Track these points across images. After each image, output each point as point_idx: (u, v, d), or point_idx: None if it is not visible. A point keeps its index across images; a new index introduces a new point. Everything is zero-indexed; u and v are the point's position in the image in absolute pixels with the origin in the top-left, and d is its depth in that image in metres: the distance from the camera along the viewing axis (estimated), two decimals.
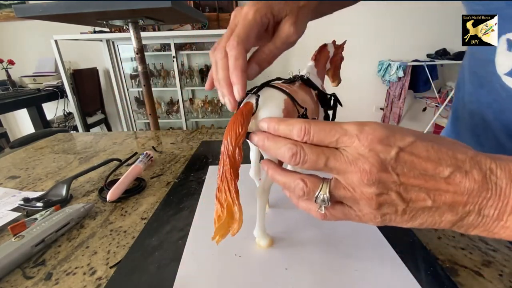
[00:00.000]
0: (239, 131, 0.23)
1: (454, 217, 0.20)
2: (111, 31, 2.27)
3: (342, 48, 0.43)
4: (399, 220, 0.21)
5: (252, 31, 0.26)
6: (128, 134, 0.81)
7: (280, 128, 0.23)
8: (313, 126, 0.22)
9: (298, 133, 0.22)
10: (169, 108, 2.73)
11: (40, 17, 0.88)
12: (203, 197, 0.42)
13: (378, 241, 0.32)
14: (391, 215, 0.21)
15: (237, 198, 0.23)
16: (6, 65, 2.39)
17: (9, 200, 0.45)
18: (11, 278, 0.30)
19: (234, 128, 0.24)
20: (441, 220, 0.20)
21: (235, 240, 0.27)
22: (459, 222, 0.20)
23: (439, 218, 0.20)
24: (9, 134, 2.50)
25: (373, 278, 0.28)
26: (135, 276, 0.28)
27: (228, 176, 0.23)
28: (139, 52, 1.03)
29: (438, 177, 0.19)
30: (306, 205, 0.24)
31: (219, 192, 0.24)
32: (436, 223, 0.21)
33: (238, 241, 0.31)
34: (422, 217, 0.21)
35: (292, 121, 0.23)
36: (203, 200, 0.41)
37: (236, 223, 0.24)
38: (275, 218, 0.37)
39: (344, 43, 0.43)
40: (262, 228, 0.31)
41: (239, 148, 0.24)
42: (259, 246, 0.32)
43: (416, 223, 0.21)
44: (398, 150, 0.20)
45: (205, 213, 0.38)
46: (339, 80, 0.44)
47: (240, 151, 0.24)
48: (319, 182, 0.22)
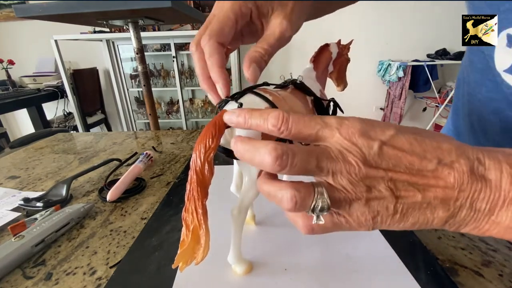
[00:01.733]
0: (209, 144, 0.21)
1: (446, 213, 0.19)
2: (111, 31, 2.27)
3: (348, 48, 0.39)
4: (390, 221, 0.20)
5: (227, 23, 0.24)
6: (128, 134, 0.81)
7: (252, 120, 0.20)
8: (292, 115, 0.19)
9: (274, 121, 0.19)
10: (169, 108, 2.73)
11: (40, 17, 0.88)
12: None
13: (378, 241, 0.32)
14: (382, 215, 0.19)
15: (204, 220, 0.21)
16: (6, 65, 2.39)
17: (9, 200, 0.45)
18: (11, 278, 0.30)
19: (203, 141, 0.21)
20: (433, 218, 0.19)
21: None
22: (451, 220, 0.19)
23: (431, 216, 0.19)
24: (9, 134, 2.50)
25: (373, 278, 0.28)
26: (135, 276, 0.28)
27: (196, 194, 0.21)
28: (139, 52, 1.03)
29: (425, 171, 0.18)
30: (293, 217, 0.21)
31: (185, 212, 0.21)
32: (428, 222, 0.19)
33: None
34: (414, 215, 0.19)
35: (267, 110, 0.20)
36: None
37: (201, 249, 0.21)
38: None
39: (350, 43, 0.40)
40: (238, 254, 0.28)
41: (209, 163, 0.21)
42: (235, 274, 0.28)
43: (408, 223, 0.20)
44: (380, 144, 0.19)
45: None
46: (345, 84, 0.40)
47: (210, 167, 0.21)
48: (311, 187, 0.19)
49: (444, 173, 0.18)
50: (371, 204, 0.19)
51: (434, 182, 0.18)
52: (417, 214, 0.19)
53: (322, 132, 0.19)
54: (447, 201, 0.18)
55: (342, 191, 0.19)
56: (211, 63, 0.23)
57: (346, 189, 0.19)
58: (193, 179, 0.21)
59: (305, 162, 0.19)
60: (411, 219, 0.19)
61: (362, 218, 0.20)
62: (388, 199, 0.19)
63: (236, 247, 0.28)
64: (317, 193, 0.19)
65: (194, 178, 0.21)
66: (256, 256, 0.31)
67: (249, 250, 0.31)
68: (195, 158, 0.21)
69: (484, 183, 0.18)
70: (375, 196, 0.19)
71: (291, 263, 0.29)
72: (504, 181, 0.18)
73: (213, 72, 0.23)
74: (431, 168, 0.18)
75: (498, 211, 0.18)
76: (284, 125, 0.19)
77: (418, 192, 0.19)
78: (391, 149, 0.19)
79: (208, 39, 0.23)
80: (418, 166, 0.19)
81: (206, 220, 0.21)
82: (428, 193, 0.18)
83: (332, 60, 0.37)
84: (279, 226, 0.35)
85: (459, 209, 0.18)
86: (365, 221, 0.20)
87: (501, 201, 0.18)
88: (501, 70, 0.34)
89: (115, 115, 2.94)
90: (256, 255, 0.31)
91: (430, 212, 0.19)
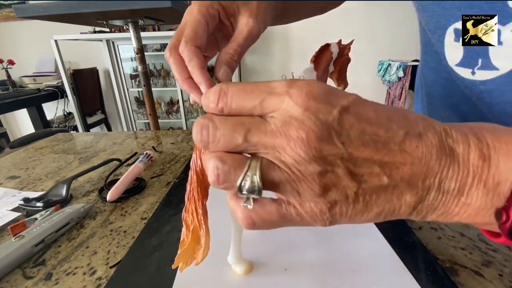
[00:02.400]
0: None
1: (414, 197, 0.16)
2: (111, 31, 2.27)
3: (349, 48, 0.39)
4: (351, 212, 0.16)
5: (199, 26, 0.24)
6: (128, 134, 0.81)
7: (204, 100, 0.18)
8: (233, 85, 0.16)
9: (213, 97, 0.16)
10: (169, 108, 2.73)
11: (40, 17, 0.88)
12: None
13: (378, 241, 0.32)
14: (342, 205, 0.16)
15: (204, 220, 0.21)
16: (6, 65, 2.40)
17: (9, 200, 0.45)
18: (11, 278, 0.30)
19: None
20: (400, 204, 0.16)
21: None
22: (419, 205, 0.16)
23: (397, 202, 0.16)
24: (9, 134, 2.50)
25: (373, 278, 0.28)
26: (135, 276, 0.28)
27: (196, 195, 0.20)
28: (139, 52, 1.03)
29: (391, 143, 0.15)
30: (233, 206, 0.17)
31: (185, 212, 0.21)
32: (395, 210, 0.16)
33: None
34: (379, 203, 0.16)
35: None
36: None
37: (201, 250, 0.21)
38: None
39: (350, 43, 0.40)
40: (238, 254, 0.28)
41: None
42: (235, 274, 0.28)
43: (372, 213, 0.17)
44: (341, 109, 0.15)
45: None
46: (346, 84, 0.40)
47: None
48: (243, 159, 0.16)
49: (412, 146, 0.15)
50: (327, 189, 0.16)
51: (400, 159, 0.15)
52: (382, 202, 0.16)
53: (268, 101, 0.16)
54: (414, 182, 0.16)
55: (285, 171, 0.15)
56: (192, 67, 0.23)
57: (291, 169, 0.15)
58: (194, 179, 0.21)
59: (229, 136, 0.16)
60: (375, 208, 0.16)
61: (316, 210, 0.16)
62: (348, 183, 0.15)
63: (236, 247, 0.28)
64: (247, 167, 0.15)
65: (194, 178, 0.20)
66: (256, 256, 0.31)
67: (249, 250, 0.31)
68: (195, 158, 0.21)
69: (452, 158, 0.15)
70: (330, 180, 0.15)
71: (291, 263, 0.29)
72: (472, 155, 0.15)
73: (196, 75, 0.23)
74: (398, 140, 0.15)
75: (467, 190, 0.15)
76: (222, 100, 0.16)
77: (383, 173, 0.15)
78: (354, 117, 0.15)
79: (185, 45, 0.23)
80: (383, 138, 0.15)
81: (206, 220, 0.21)
82: (395, 174, 0.15)
83: (333, 60, 0.37)
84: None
85: (427, 191, 0.16)
86: (320, 213, 0.16)
87: (470, 179, 0.15)
88: (453, 64, 0.35)
89: (115, 115, 2.94)
90: (256, 255, 0.31)
91: (397, 198, 0.16)
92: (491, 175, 0.15)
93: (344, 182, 0.15)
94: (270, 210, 0.17)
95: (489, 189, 0.15)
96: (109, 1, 0.81)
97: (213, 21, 0.25)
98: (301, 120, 0.15)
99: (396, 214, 0.17)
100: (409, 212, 0.17)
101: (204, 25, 0.24)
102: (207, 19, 0.24)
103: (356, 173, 0.15)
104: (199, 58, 0.23)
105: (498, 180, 0.15)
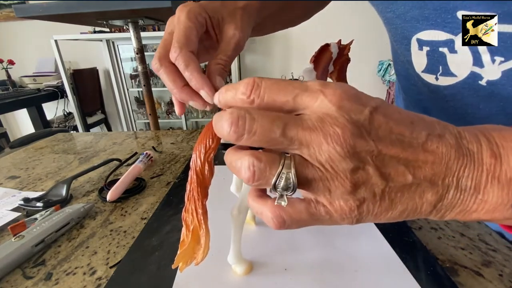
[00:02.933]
0: (209, 144, 0.20)
1: (435, 196, 0.16)
2: (111, 31, 2.27)
3: (348, 48, 0.39)
4: (377, 210, 0.17)
5: (191, 32, 0.23)
6: (128, 134, 0.81)
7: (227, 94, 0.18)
8: (266, 79, 0.17)
9: (243, 89, 0.16)
10: (169, 108, 2.73)
11: (40, 17, 0.88)
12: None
13: (378, 241, 0.32)
14: (369, 203, 0.16)
15: (204, 220, 0.21)
16: (6, 65, 2.40)
17: (9, 200, 0.45)
18: (11, 278, 0.30)
19: (203, 141, 0.20)
20: (422, 203, 0.17)
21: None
22: (439, 204, 0.17)
23: (420, 200, 0.17)
24: (9, 134, 2.50)
25: (373, 278, 0.28)
26: (135, 276, 0.28)
27: (196, 195, 0.20)
28: (139, 52, 1.03)
29: (415, 143, 0.16)
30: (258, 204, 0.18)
31: (185, 212, 0.21)
32: (417, 209, 0.17)
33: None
34: (403, 201, 0.17)
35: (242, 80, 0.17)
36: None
37: (201, 250, 0.21)
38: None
39: (350, 43, 0.40)
40: (238, 254, 0.28)
41: (209, 163, 0.20)
42: (235, 274, 0.28)
43: (396, 212, 0.17)
44: (371, 109, 0.16)
45: None
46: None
47: (211, 167, 0.20)
48: (277, 157, 0.16)
49: (433, 146, 0.16)
50: (357, 186, 0.16)
51: (423, 158, 0.16)
52: (406, 200, 0.17)
53: (301, 98, 0.16)
54: (435, 181, 0.16)
55: (318, 169, 0.16)
56: (191, 72, 0.22)
57: (324, 167, 0.16)
58: (193, 179, 0.21)
59: (266, 129, 0.15)
60: (400, 206, 0.17)
61: (346, 207, 0.16)
62: (377, 181, 0.16)
63: (236, 247, 0.28)
64: (282, 165, 0.16)
65: (194, 178, 0.21)
66: (256, 256, 0.31)
67: (249, 250, 0.31)
68: (195, 158, 0.21)
69: (468, 158, 0.16)
70: (361, 177, 0.16)
71: (291, 263, 0.29)
72: (484, 154, 0.16)
73: (196, 80, 0.22)
74: (421, 140, 0.16)
75: (483, 188, 0.16)
76: (255, 92, 0.16)
77: (407, 172, 0.16)
78: (382, 117, 0.16)
79: (180, 50, 0.22)
80: (408, 139, 0.16)
81: (206, 220, 0.21)
82: (418, 173, 0.16)
83: (333, 60, 0.37)
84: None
85: (447, 189, 0.16)
86: (349, 211, 0.16)
87: (485, 177, 0.16)
88: (419, 71, 0.37)
89: (115, 115, 2.94)
90: (256, 255, 0.31)
91: (419, 197, 0.17)
92: (503, 171, 0.16)
93: (373, 180, 0.16)
94: (300, 209, 0.17)
95: (503, 185, 0.16)
96: (109, 1, 0.81)
97: (201, 29, 0.25)
98: (335, 117, 0.15)
99: (418, 212, 0.17)
100: (430, 210, 0.17)
101: (195, 31, 0.24)
102: (197, 26, 0.24)
103: (384, 171, 0.16)
104: (197, 63, 0.22)
105: (511, 176, 0.16)
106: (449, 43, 0.32)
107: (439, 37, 0.32)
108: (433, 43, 0.33)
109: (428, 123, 0.17)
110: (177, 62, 0.22)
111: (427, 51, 0.34)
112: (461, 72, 0.32)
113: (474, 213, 0.17)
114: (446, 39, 0.32)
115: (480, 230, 0.35)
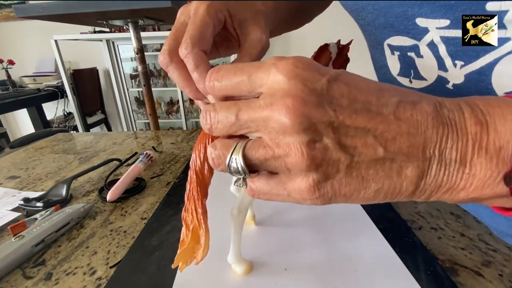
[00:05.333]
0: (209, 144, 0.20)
1: (415, 171, 0.15)
2: (111, 31, 2.27)
3: (348, 48, 0.39)
4: (346, 190, 0.15)
5: (207, 29, 0.21)
6: (128, 134, 0.81)
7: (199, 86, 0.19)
8: (227, 64, 0.17)
9: (208, 77, 0.17)
10: (169, 108, 2.73)
11: (40, 17, 0.88)
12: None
13: (378, 241, 0.32)
14: (333, 182, 0.15)
15: (204, 220, 0.21)
16: (6, 65, 2.40)
17: (9, 200, 0.45)
18: (11, 278, 0.30)
19: (203, 140, 0.20)
20: (401, 181, 0.15)
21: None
22: (421, 182, 0.15)
23: (398, 179, 0.15)
24: (9, 134, 2.50)
25: (372, 278, 0.28)
26: (135, 276, 0.28)
27: (195, 194, 0.20)
28: (139, 52, 1.03)
29: (385, 111, 0.14)
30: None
31: (185, 212, 0.21)
32: (396, 188, 0.15)
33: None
34: (377, 179, 0.15)
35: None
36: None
37: (201, 249, 0.21)
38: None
39: (350, 43, 0.39)
40: (238, 254, 0.28)
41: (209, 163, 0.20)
42: (235, 274, 0.28)
43: (370, 191, 0.15)
44: (329, 78, 0.14)
45: None
46: None
47: (210, 167, 0.20)
48: (232, 143, 0.16)
49: (406, 114, 0.14)
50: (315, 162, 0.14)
51: (395, 127, 0.14)
52: (381, 178, 0.15)
53: (256, 75, 0.15)
54: (413, 154, 0.15)
55: (269, 147, 0.15)
56: (200, 73, 0.20)
57: (277, 143, 0.15)
58: (193, 179, 0.21)
59: (224, 117, 0.15)
60: (374, 185, 0.15)
61: (303, 187, 0.15)
62: (338, 156, 0.14)
63: (236, 247, 0.28)
64: (232, 150, 0.16)
65: (194, 178, 0.21)
66: (256, 256, 0.31)
67: (249, 250, 0.31)
68: (195, 158, 0.21)
69: (449, 127, 0.15)
70: (320, 152, 0.14)
71: (291, 263, 0.29)
72: (468, 122, 0.15)
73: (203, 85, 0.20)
74: (391, 107, 0.14)
75: (470, 160, 0.15)
76: (214, 75, 0.16)
77: (378, 144, 0.14)
78: (343, 85, 0.14)
79: (192, 48, 0.20)
80: (376, 107, 0.14)
81: (206, 220, 0.21)
82: (390, 145, 0.14)
83: (332, 60, 0.37)
84: (279, 226, 0.35)
85: (428, 163, 0.15)
86: (307, 191, 0.15)
87: (471, 148, 0.14)
88: (395, 74, 0.37)
89: (115, 115, 2.94)
90: (256, 255, 0.31)
91: (397, 174, 0.15)
92: (491, 140, 0.14)
93: (334, 154, 0.14)
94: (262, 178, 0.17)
95: (492, 155, 0.14)
96: (109, 1, 0.81)
97: (219, 26, 0.23)
98: (288, 89, 0.14)
99: (398, 192, 0.16)
100: (412, 189, 0.15)
101: (212, 28, 0.22)
102: (215, 22, 0.22)
103: (348, 145, 0.14)
104: (207, 65, 0.21)
105: (500, 144, 0.14)
106: (414, 48, 0.32)
107: (405, 42, 0.32)
108: (401, 48, 0.34)
109: (401, 91, 0.15)
110: (187, 60, 0.21)
111: (398, 56, 0.35)
112: (430, 76, 0.33)
113: (462, 191, 0.15)
114: (411, 45, 0.32)
115: (480, 230, 0.35)
